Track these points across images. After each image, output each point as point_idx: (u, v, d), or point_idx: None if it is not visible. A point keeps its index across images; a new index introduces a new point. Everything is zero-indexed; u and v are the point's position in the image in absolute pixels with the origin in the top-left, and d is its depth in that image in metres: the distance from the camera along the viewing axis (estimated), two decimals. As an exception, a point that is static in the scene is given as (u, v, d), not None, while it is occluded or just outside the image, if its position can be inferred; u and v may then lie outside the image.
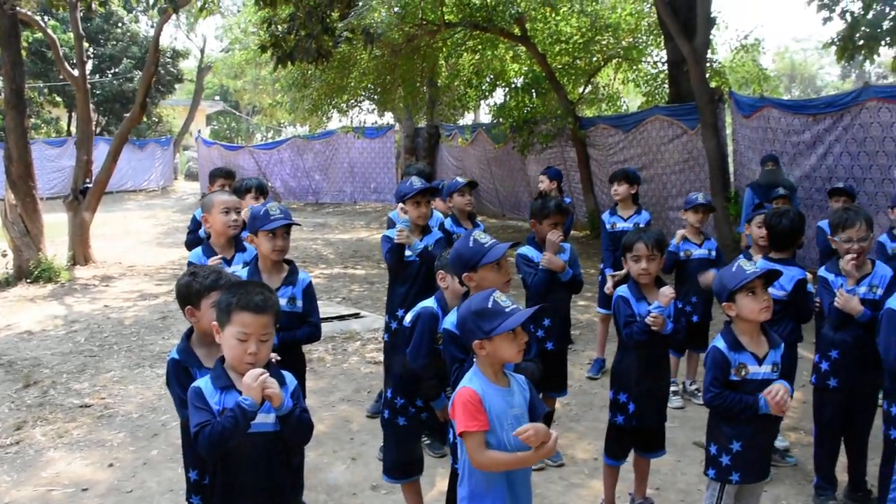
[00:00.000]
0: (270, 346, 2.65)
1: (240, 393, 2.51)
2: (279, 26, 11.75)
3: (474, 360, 2.66)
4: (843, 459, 4.23)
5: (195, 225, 5.72)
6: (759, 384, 3.17)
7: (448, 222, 5.57)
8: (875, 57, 10.39)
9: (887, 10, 9.71)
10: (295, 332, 3.73)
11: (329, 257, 13.38)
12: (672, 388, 5.67)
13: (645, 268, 3.74)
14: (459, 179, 5.99)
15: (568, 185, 15.28)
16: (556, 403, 5.00)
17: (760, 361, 3.20)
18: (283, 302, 3.63)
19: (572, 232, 9.55)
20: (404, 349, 3.47)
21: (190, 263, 4.10)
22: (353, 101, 16.66)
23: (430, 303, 3.43)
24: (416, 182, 4.62)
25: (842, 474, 4.24)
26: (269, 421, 2.60)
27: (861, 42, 9.73)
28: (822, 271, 4.13)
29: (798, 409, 5.44)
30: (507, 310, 2.55)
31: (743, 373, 3.19)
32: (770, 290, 4.13)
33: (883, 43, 9.85)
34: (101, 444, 5.06)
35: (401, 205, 4.64)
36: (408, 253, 4.60)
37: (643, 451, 3.95)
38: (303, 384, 3.78)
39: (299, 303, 3.76)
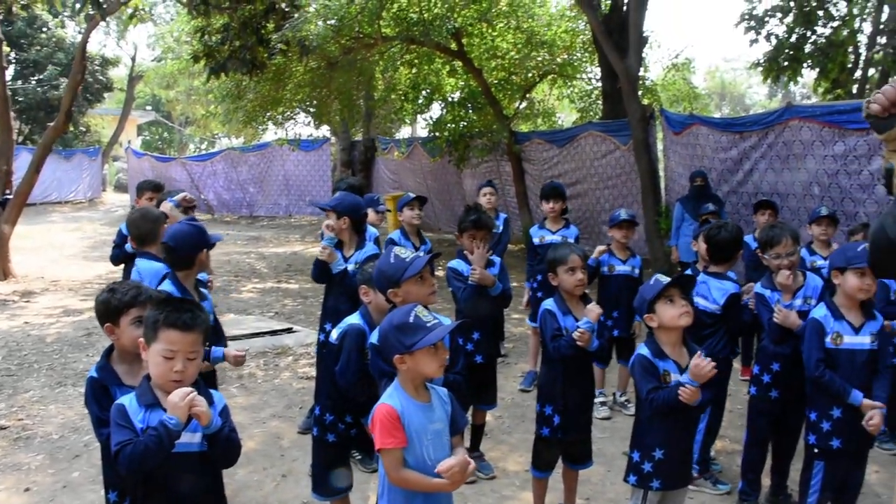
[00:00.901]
0: (198, 364, 2.59)
1: (165, 411, 2.44)
2: (213, 36, 11.58)
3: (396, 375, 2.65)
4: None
5: (121, 239, 5.59)
6: None
7: (397, 234, 5.69)
8: (799, 78, 10.86)
9: (808, 34, 10.16)
10: (212, 350, 3.68)
11: (262, 271, 13.16)
12: (600, 399, 5.76)
13: (581, 278, 3.79)
14: (410, 194, 6.05)
15: (503, 199, 15.41)
16: (486, 416, 5.01)
17: (682, 370, 3.27)
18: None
19: (509, 246, 9.59)
20: (332, 365, 3.42)
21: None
22: (288, 113, 16.46)
23: (355, 319, 3.39)
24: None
25: (763, 479, 4.36)
26: (194, 441, 2.52)
27: (785, 63, 10.14)
28: (757, 287, 4.26)
29: (724, 418, 5.55)
30: (429, 324, 2.55)
31: (668, 379, 3.25)
32: (703, 303, 4.29)
33: (805, 65, 10.31)
34: (17, 467, 4.84)
35: (327, 221, 4.59)
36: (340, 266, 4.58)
37: (570, 462, 4.00)
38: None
39: (210, 317, 3.71)
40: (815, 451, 3.73)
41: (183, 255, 3.73)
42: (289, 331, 8.26)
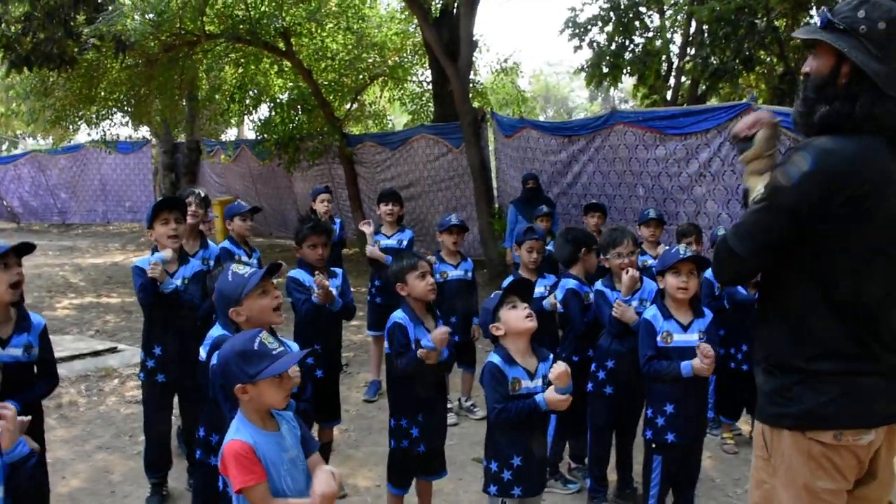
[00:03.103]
0: None
1: None
2: (11, 26, 10.57)
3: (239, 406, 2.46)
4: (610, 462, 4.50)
5: None
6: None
7: (227, 244, 5.44)
8: (619, 83, 11.58)
9: (627, 43, 10.85)
10: (35, 390, 3.29)
11: (79, 285, 12.13)
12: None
13: (432, 283, 3.76)
14: (243, 203, 5.86)
15: (336, 202, 15.23)
16: (333, 432, 4.86)
17: (532, 376, 3.28)
18: (18, 352, 3.20)
19: (343, 250, 9.44)
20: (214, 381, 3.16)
21: None
22: (103, 112, 15.34)
23: (217, 331, 3.12)
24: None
25: (610, 475, 4.51)
26: None
27: (607, 70, 10.75)
28: (598, 285, 4.42)
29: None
30: (275, 352, 2.39)
31: (517, 387, 3.26)
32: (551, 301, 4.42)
33: (625, 71, 11.00)
34: None
35: (149, 232, 4.25)
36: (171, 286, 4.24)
37: (425, 474, 3.94)
38: (43, 437, 3.35)
39: (35, 350, 3.31)
40: (653, 445, 3.89)
41: None
42: (113, 350, 7.64)
